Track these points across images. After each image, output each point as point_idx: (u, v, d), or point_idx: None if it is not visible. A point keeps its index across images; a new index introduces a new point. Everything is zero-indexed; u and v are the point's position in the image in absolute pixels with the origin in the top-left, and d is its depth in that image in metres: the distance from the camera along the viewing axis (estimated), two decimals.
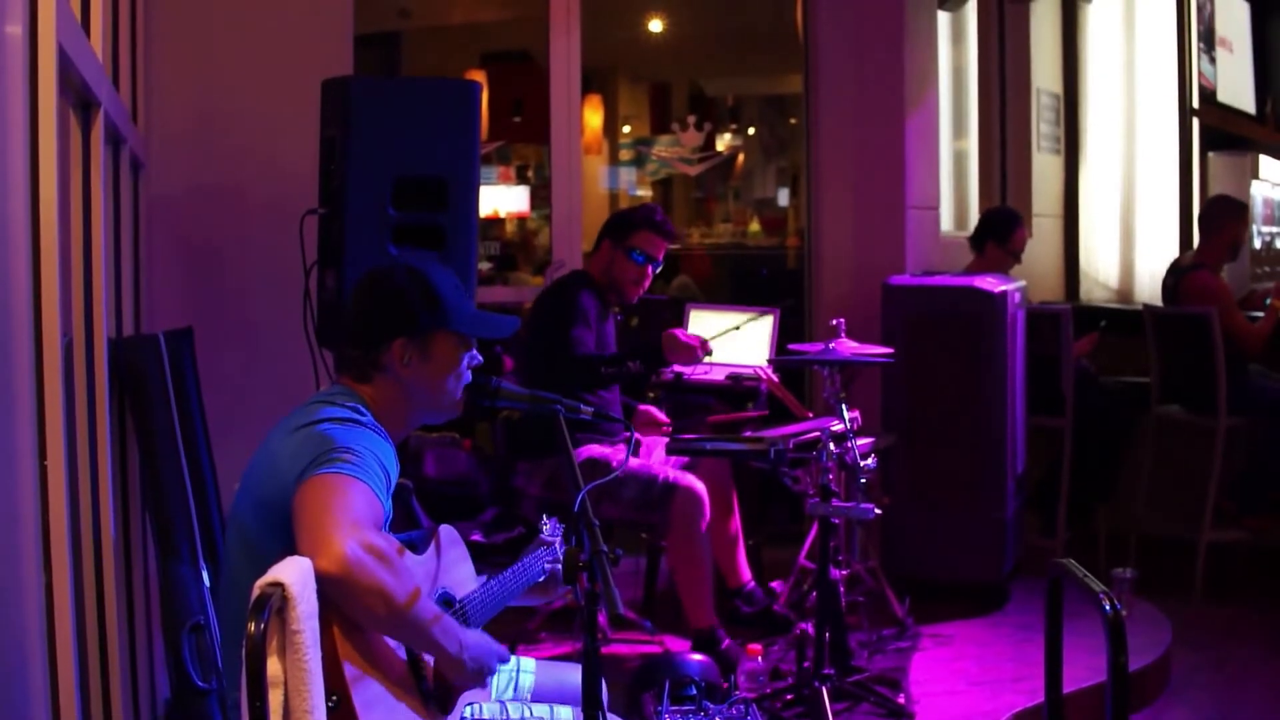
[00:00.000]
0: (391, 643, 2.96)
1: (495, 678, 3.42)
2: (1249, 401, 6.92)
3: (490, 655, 3.04)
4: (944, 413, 6.34)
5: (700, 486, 5.41)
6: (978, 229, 7.30)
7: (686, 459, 5.64)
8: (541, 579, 3.51)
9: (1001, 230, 7.21)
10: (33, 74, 2.59)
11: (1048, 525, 7.22)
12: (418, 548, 3.21)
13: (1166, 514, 7.24)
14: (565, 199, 7.03)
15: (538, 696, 3.43)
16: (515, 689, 3.44)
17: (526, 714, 3.21)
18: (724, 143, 9.72)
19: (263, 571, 2.70)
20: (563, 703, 3.38)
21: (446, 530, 3.34)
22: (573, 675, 3.49)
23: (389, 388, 3.17)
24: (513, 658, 3.57)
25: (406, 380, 3.16)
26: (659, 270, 5.80)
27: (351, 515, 2.77)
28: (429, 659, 3.03)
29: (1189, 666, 5.84)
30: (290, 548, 2.79)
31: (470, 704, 3.16)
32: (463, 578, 3.32)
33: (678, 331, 5.55)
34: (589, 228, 6.26)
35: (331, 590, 2.72)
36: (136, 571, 4.14)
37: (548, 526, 3.62)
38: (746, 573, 5.83)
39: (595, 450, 5.50)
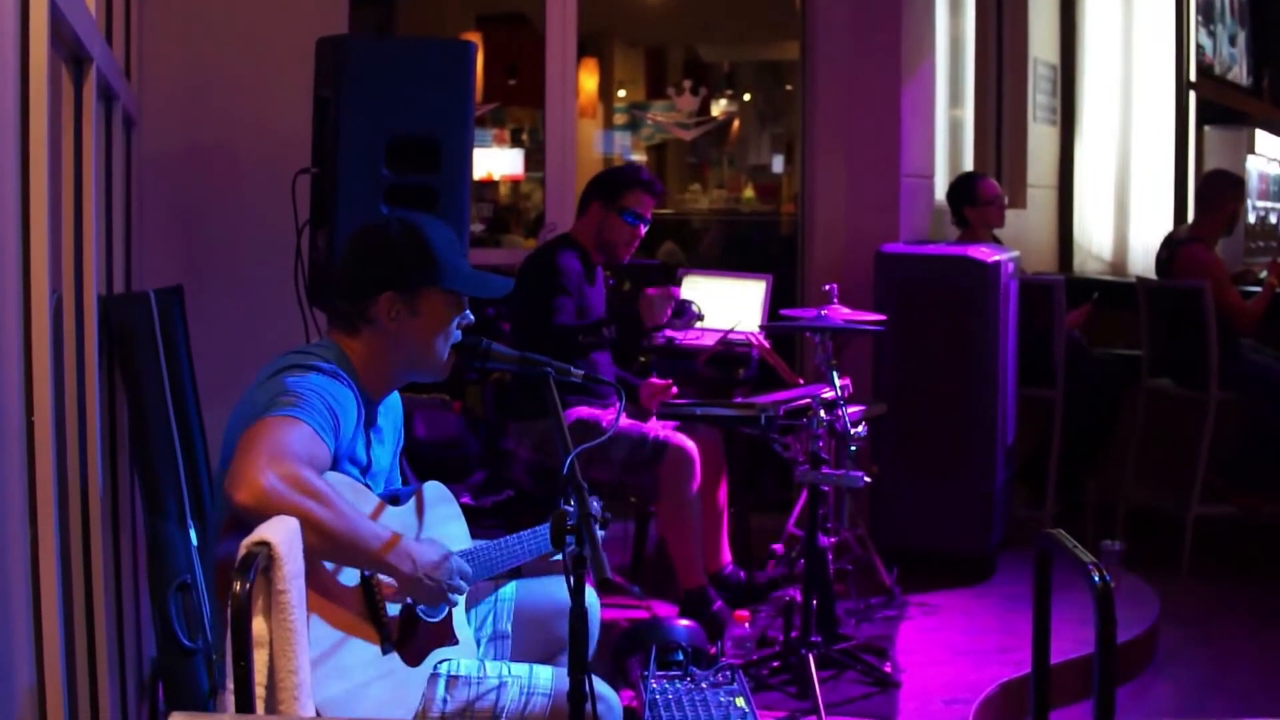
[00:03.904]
0: (350, 587, 2.96)
1: (476, 608, 3.42)
2: (1239, 376, 6.92)
3: (450, 573, 3.05)
4: (935, 382, 6.34)
5: (691, 445, 5.39)
6: (950, 205, 7.30)
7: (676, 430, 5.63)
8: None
9: (966, 191, 7.24)
10: (24, 27, 2.57)
11: (1036, 496, 7.23)
12: (400, 501, 3.21)
13: (1155, 487, 7.25)
14: (559, 162, 7.01)
15: (520, 613, 3.45)
16: (494, 618, 3.44)
17: (504, 673, 3.20)
18: (719, 108, 9.69)
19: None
20: (547, 616, 3.43)
21: (433, 486, 3.33)
22: (555, 587, 3.49)
23: (376, 341, 3.18)
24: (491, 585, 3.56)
25: (394, 335, 3.17)
26: (648, 229, 5.77)
27: (273, 450, 2.78)
28: (392, 611, 3.03)
29: (1175, 640, 5.86)
30: None
31: (444, 660, 3.16)
32: (451, 535, 3.31)
33: (650, 290, 5.52)
34: (582, 192, 6.24)
35: (254, 523, 2.72)
36: (124, 530, 4.13)
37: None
38: (726, 554, 5.81)
39: (584, 411, 5.48)
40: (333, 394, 3.00)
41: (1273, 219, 10.49)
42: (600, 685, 3.17)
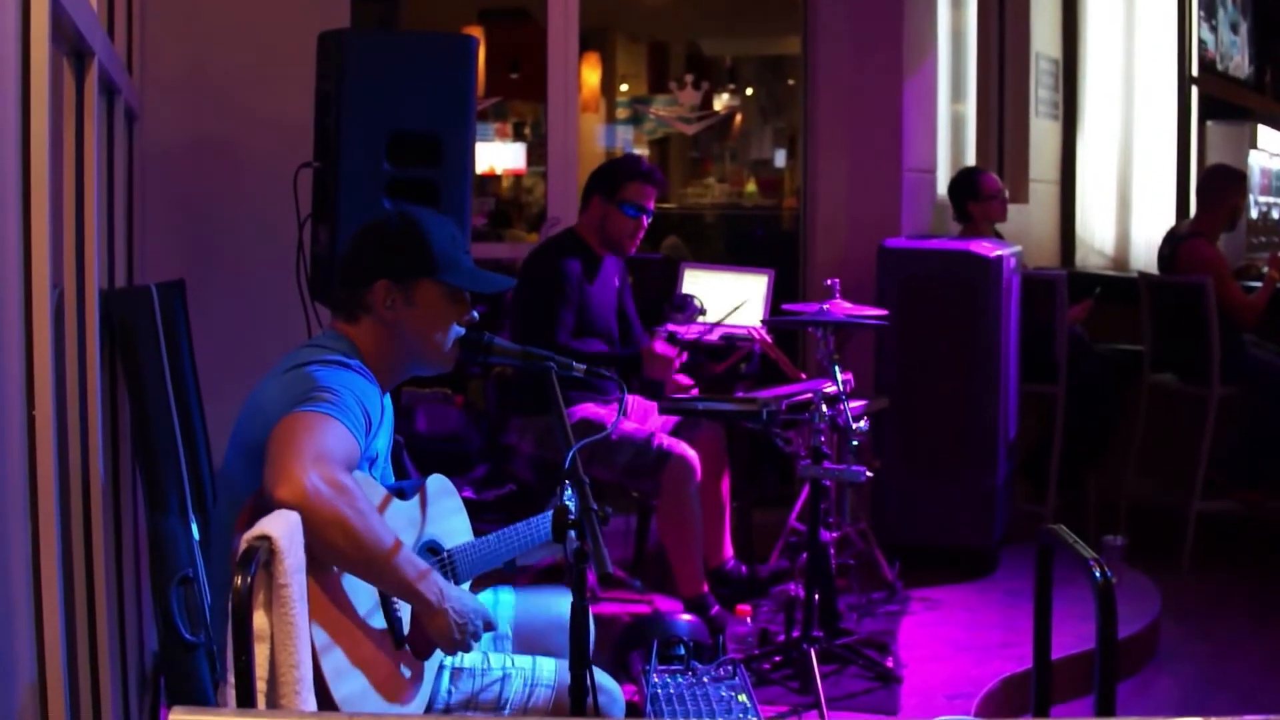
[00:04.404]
0: (363, 587, 2.96)
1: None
2: (1241, 372, 6.91)
3: (476, 614, 3.03)
4: (937, 377, 6.33)
5: (693, 455, 5.39)
6: (952, 200, 7.30)
7: (679, 425, 5.63)
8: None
9: (968, 186, 7.22)
10: (25, 22, 2.56)
11: (1038, 492, 7.23)
12: (405, 494, 3.20)
13: (1157, 483, 7.25)
14: (561, 157, 7.01)
15: (519, 627, 3.43)
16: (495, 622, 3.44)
17: (509, 664, 3.20)
18: (721, 103, 9.68)
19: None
20: (544, 628, 3.40)
21: (436, 479, 3.32)
22: (553, 601, 3.48)
23: (376, 331, 3.18)
24: (490, 590, 3.55)
25: (391, 324, 3.17)
26: (650, 220, 5.75)
27: (316, 450, 2.77)
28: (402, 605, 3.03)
29: (1176, 636, 5.86)
30: None
31: None
32: (454, 529, 3.31)
33: (656, 344, 5.53)
34: (584, 187, 6.24)
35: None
36: (125, 524, 4.13)
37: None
38: (729, 549, 5.81)
39: (590, 411, 5.48)
40: (363, 392, 3.00)
41: (1275, 214, 10.48)
42: (602, 677, 3.17)
